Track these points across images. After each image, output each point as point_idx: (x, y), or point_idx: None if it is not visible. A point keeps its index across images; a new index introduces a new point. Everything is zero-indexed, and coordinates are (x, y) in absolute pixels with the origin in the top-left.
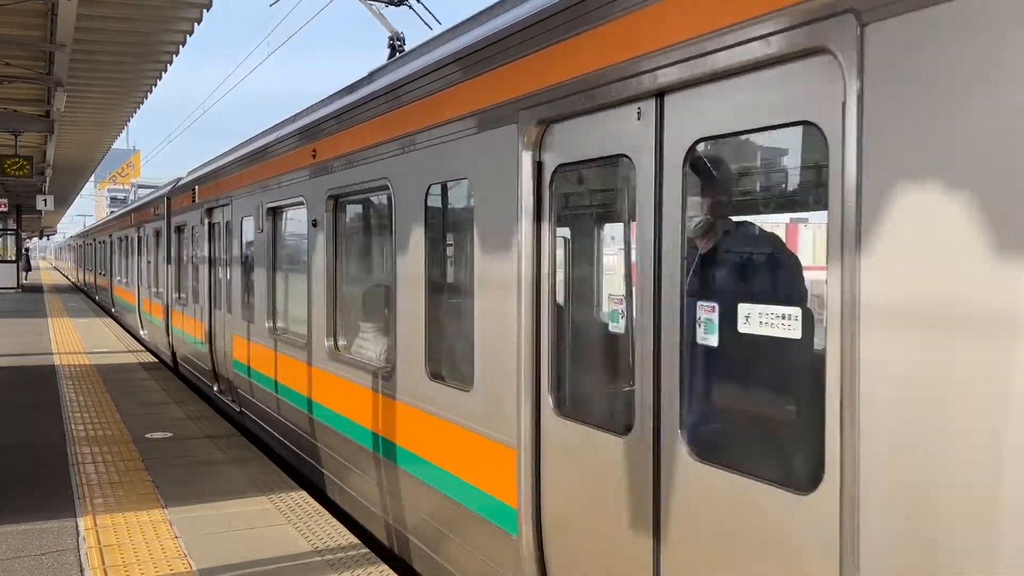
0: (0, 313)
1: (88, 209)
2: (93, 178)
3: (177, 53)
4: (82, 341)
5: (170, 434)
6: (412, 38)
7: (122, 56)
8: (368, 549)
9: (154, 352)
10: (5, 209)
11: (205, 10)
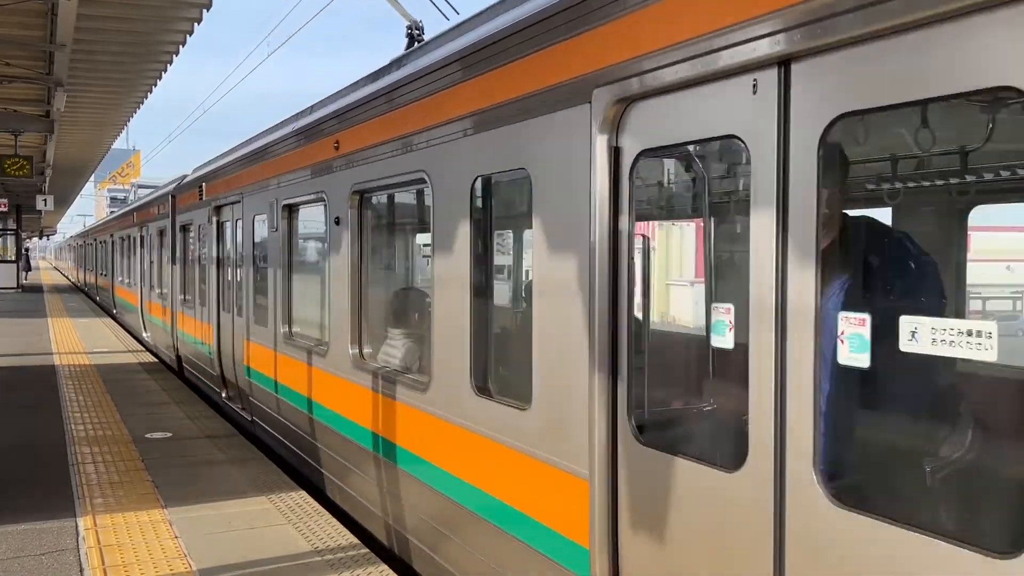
0: (0, 313)
1: (88, 209)
2: (93, 178)
3: (177, 53)
4: (82, 341)
5: (170, 434)
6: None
7: (122, 56)
8: (368, 549)
9: (157, 355)
10: (5, 209)
11: (205, 10)
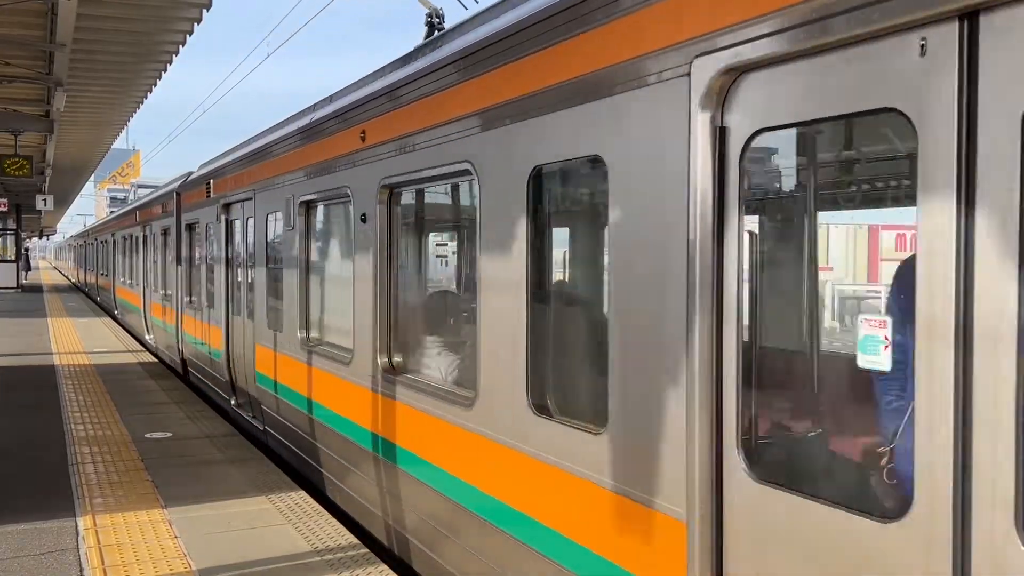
0: (0, 313)
1: (88, 209)
2: (93, 178)
3: (177, 53)
4: (82, 341)
5: (169, 434)
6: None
7: (122, 56)
8: (367, 549)
9: (161, 358)
10: (5, 209)
11: (205, 10)
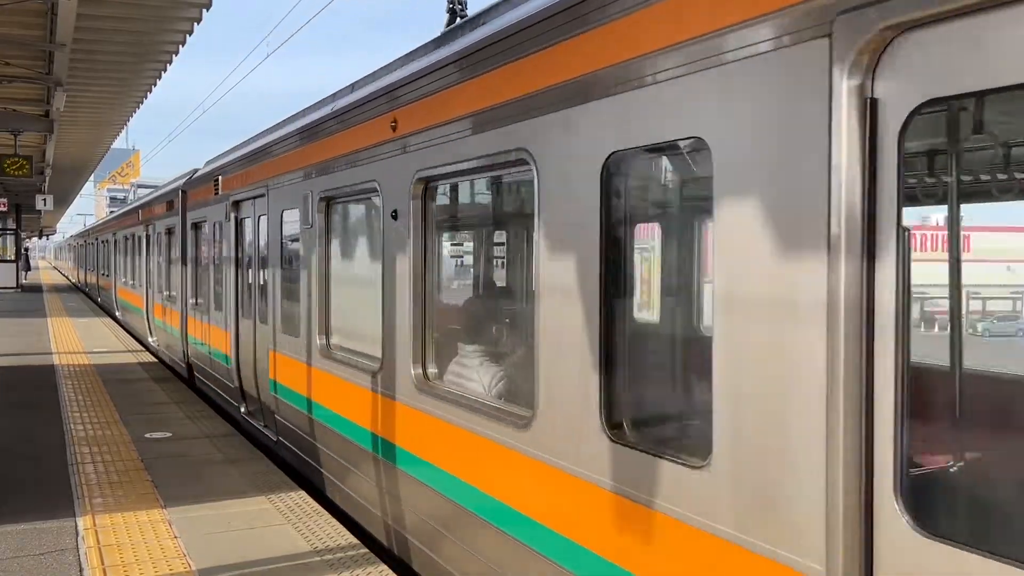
0: (0, 313)
1: (88, 208)
2: (93, 178)
3: (177, 53)
4: (81, 341)
5: (169, 434)
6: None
7: (122, 56)
8: (367, 549)
9: (164, 361)
10: (4, 209)
11: (205, 10)
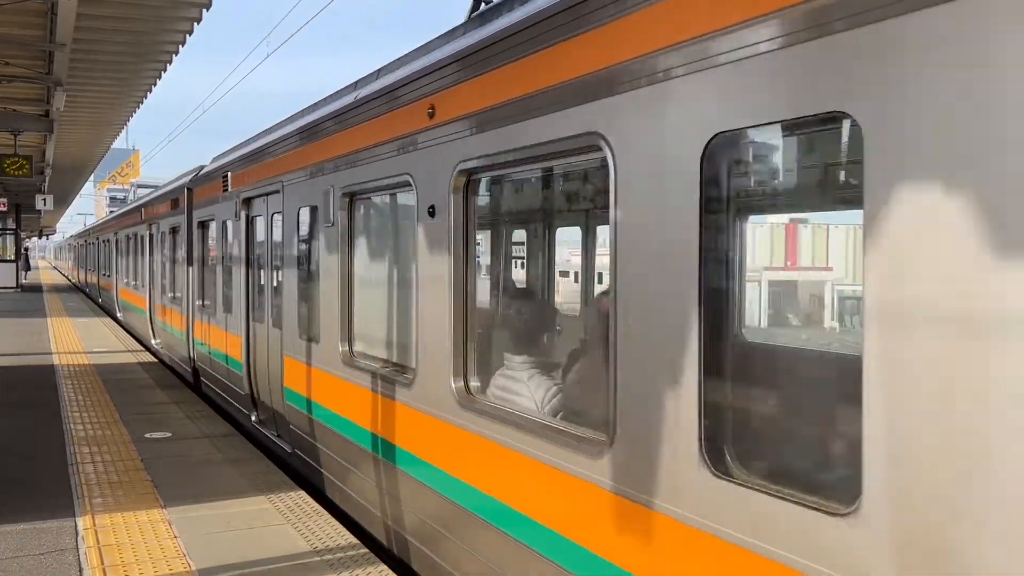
0: (0, 313)
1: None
2: (92, 178)
3: (177, 53)
4: (81, 341)
5: (169, 434)
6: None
7: (122, 56)
8: (367, 549)
9: (167, 365)
10: (4, 209)
11: (205, 10)
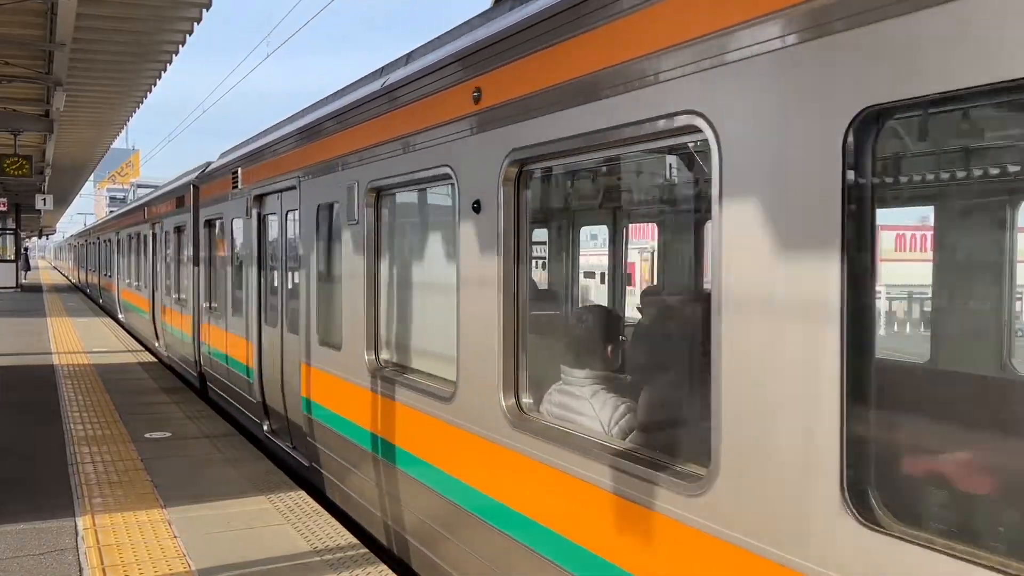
0: None
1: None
2: (92, 177)
3: (177, 53)
4: (81, 341)
5: (169, 434)
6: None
7: (121, 56)
8: (367, 549)
9: (172, 368)
10: (4, 208)
11: (205, 10)
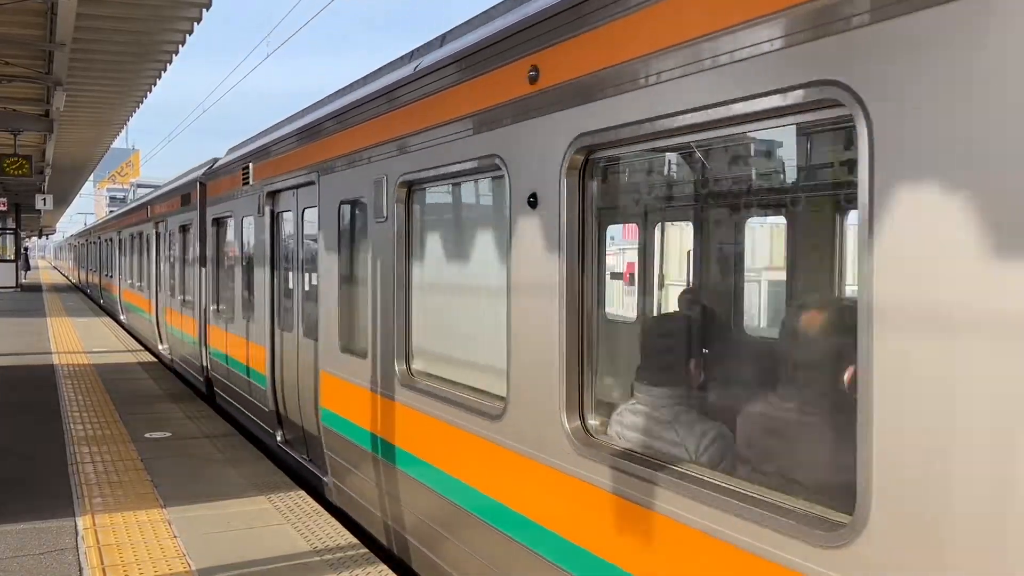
0: None
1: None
2: (92, 177)
3: (177, 53)
4: (81, 341)
5: (169, 433)
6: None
7: (121, 56)
8: (367, 549)
9: (175, 370)
10: (4, 208)
11: (205, 10)
